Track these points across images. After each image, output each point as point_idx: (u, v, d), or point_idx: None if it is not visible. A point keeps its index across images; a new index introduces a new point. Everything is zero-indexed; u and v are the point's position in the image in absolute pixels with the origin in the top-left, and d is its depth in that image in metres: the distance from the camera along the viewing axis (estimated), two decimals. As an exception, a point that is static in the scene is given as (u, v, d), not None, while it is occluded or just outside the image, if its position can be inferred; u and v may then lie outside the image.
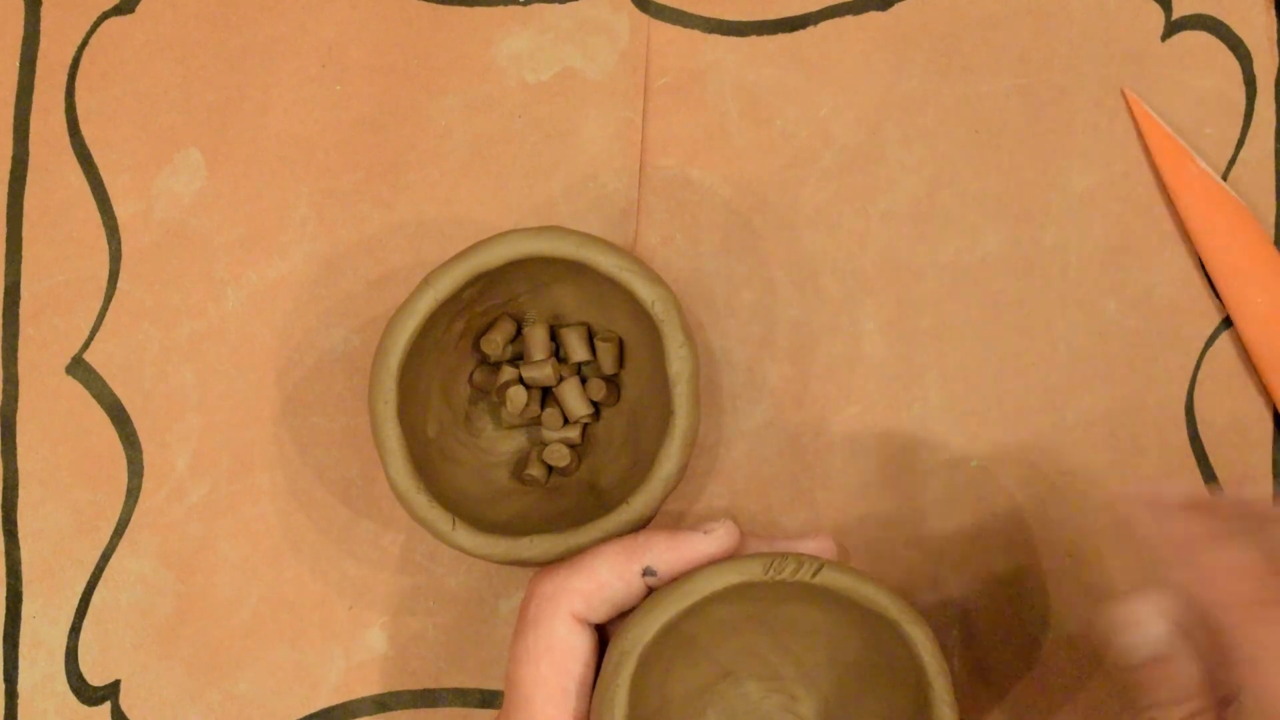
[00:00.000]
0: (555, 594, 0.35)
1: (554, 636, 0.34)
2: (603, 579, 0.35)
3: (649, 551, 0.35)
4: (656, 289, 0.38)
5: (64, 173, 0.45)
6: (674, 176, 0.44)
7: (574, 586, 0.35)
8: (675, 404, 0.38)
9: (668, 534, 0.35)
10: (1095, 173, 0.43)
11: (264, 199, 0.44)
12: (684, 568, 0.35)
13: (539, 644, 0.34)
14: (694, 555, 0.35)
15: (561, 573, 0.35)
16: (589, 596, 0.35)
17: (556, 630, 0.34)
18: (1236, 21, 0.43)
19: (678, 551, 0.35)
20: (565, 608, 0.34)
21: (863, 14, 0.44)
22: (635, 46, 0.44)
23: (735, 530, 0.35)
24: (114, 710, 0.43)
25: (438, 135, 0.44)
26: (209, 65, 0.45)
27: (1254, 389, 0.43)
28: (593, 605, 0.35)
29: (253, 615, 0.43)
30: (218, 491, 0.43)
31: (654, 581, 0.35)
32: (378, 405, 0.38)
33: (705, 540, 0.35)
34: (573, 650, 0.34)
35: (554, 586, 0.35)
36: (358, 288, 0.44)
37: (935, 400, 0.43)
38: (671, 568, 0.35)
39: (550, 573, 0.35)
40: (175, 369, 0.44)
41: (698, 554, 0.35)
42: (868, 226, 0.43)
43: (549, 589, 0.35)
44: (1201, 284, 0.43)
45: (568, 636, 0.34)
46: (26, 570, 0.43)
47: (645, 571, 0.35)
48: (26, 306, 0.44)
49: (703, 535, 0.35)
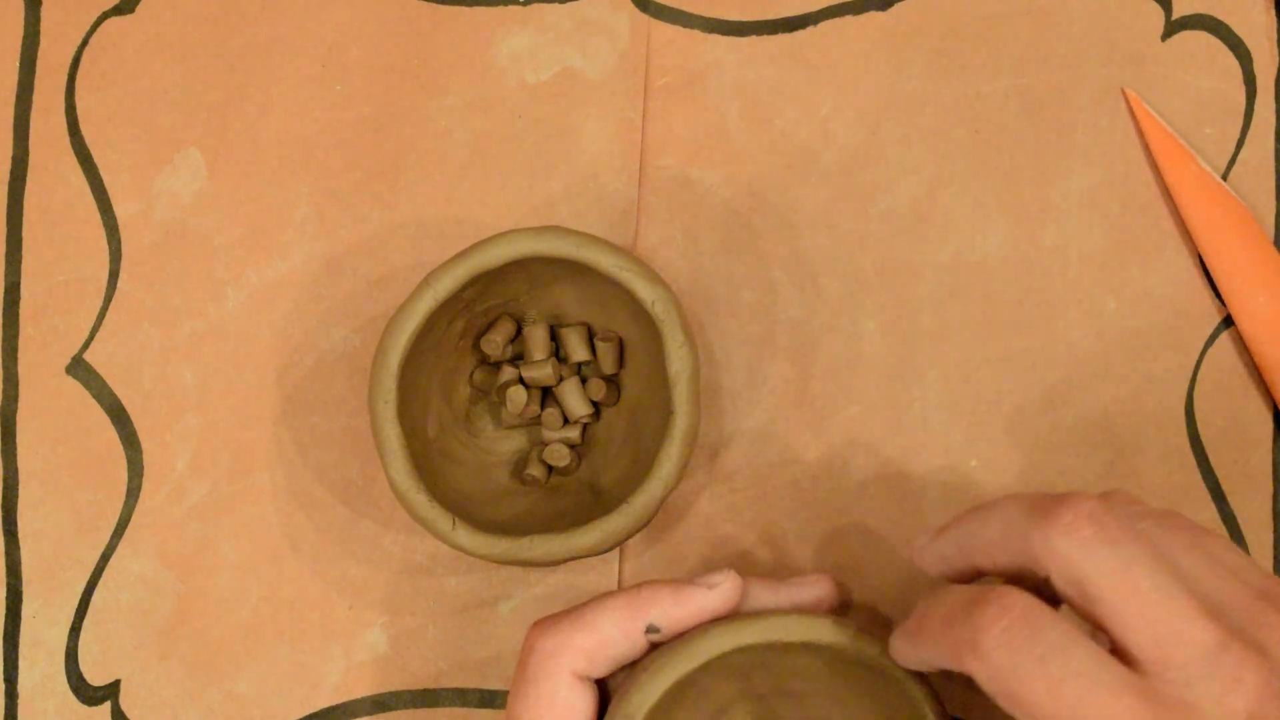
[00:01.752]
0: (556, 650, 0.34)
1: (555, 696, 0.33)
2: (605, 635, 0.34)
3: (653, 607, 0.34)
4: (656, 289, 0.38)
5: (64, 173, 0.45)
6: (674, 176, 0.44)
7: (576, 644, 0.34)
8: (675, 404, 0.38)
9: (671, 588, 0.34)
10: (1095, 173, 0.43)
11: (264, 199, 0.44)
12: (688, 623, 0.34)
13: (540, 702, 0.33)
14: (698, 611, 0.34)
15: (563, 628, 0.34)
16: (591, 654, 0.34)
17: (558, 690, 0.33)
18: (1236, 21, 0.43)
19: (682, 608, 0.34)
20: (567, 666, 0.34)
21: (863, 14, 0.44)
22: (635, 46, 0.44)
23: (739, 582, 0.35)
24: (114, 710, 0.43)
25: (438, 135, 0.44)
26: (209, 65, 0.45)
27: (1254, 389, 0.43)
28: (595, 662, 0.34)
29: (253, 615, 0.43)
30: (218, 491, 0.43)
31: (657, 638, 0.34)
32: (378, 405, 0.38)
33: (709, 596, 0.34)
34: (573, 708, 0.33)
35: (555, 643, 0.34)
36: (358, 288, 0.44)
37: (935, 400, 0.43)
38: (676, 624, 0.34)
39: (551, 626, 0.34)
40: (175, 369, 0.44)
41: (702, 610, 0.34)
42: (868, 226, 0.43)
43: (550, 645, 0.34)
44: (1201, 284, 0.43)
45: (568, 695, 0.33)
46: (26, 570, 0.43)
47: (649, 629, 0.34)
48: (26, 306, 0.44)
49: (706, 590, 0.34)
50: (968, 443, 0.43)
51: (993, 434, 0.43)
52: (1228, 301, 0.42)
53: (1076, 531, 0.29)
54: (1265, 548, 0.42)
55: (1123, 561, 0.28)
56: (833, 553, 0.42)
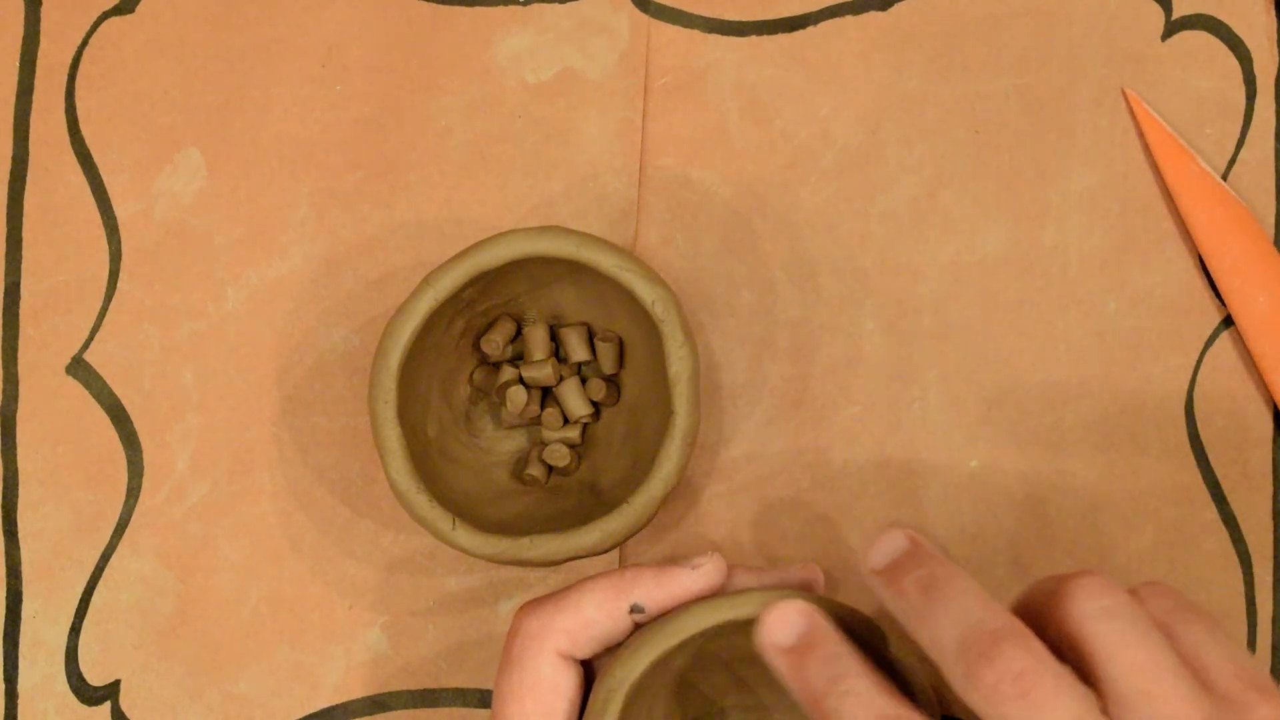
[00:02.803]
0: (541, 631, 0.34)
1: (539, 674, 0.34)
2: (589, 616, 0.34)
3: (636, 588, 0.34)
4: (656, 289, 0.38)
5: (64, 173, 0.45)
6: (674, 176, 0.44)
7: (560, 624, 0.34)
8: (675, 404, 0.38)
9: (655, 570, 0.35)
10: (1095, 173, 0.43)
11: (264, 199, 0.44)
12: (671, 604, 0.34)
13: (524, 682, 0.34)
14: (681, 591, 0.34)
15: (547, 609, 0.34)
16: (575, 634, 0.34)
17: (541, 668, 0.34)
18: (1236, 21, 0.43)
19: (665, 588, 0.34)
20: (550, 645, 0.34)
21: (863, 14, 0.44)
22: (635, 46, 0.44)
23: (723, 565, 0.35)
24: (114, 710, 0.43)
25: (438, 135, 0.44)
26: (209, 65, 0.45)
27: (1254, 389, 0.43)
28: (579, 642, 0.34)
29: (253, 615, 0.43)
30: (218, 491, 0.43)
31: (641, 618, 0.34)
32: (378, 405, 0.38)
33: (692, 576, 0.34)
34: (557, 688, 0.34)
35: (539, 624, 0.34)
36: (358, 288, 0.44)
37: (935, 400, 0.43)
38: (659, 604, 0.34)
39: (536, 608, 0.35)
40: (175, 369, 0.44)
41: (685, 590, 0.34)
42: (868, 226, 0.43)
43: (534, 626, 0.34)
44: (1201, 284, 0.43)
45: (552, 675, 0.34)
46: (26, 570, 0.43)
47: (633, 609, 0.34)
48: (26, 306, 0.44)
49: (690, 571, 0.34)
50: (968, 443, 0.43)
51: (993, 434, 0.43)
52: (1228, 301, 0.42)
53: (1096, 600, 0.29)
54: (1265, 548, 0.42)
55: (1126, 632, 0.29)
56: (832, 553, 0.42)
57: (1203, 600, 0.42)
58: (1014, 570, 0.42)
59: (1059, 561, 0.42)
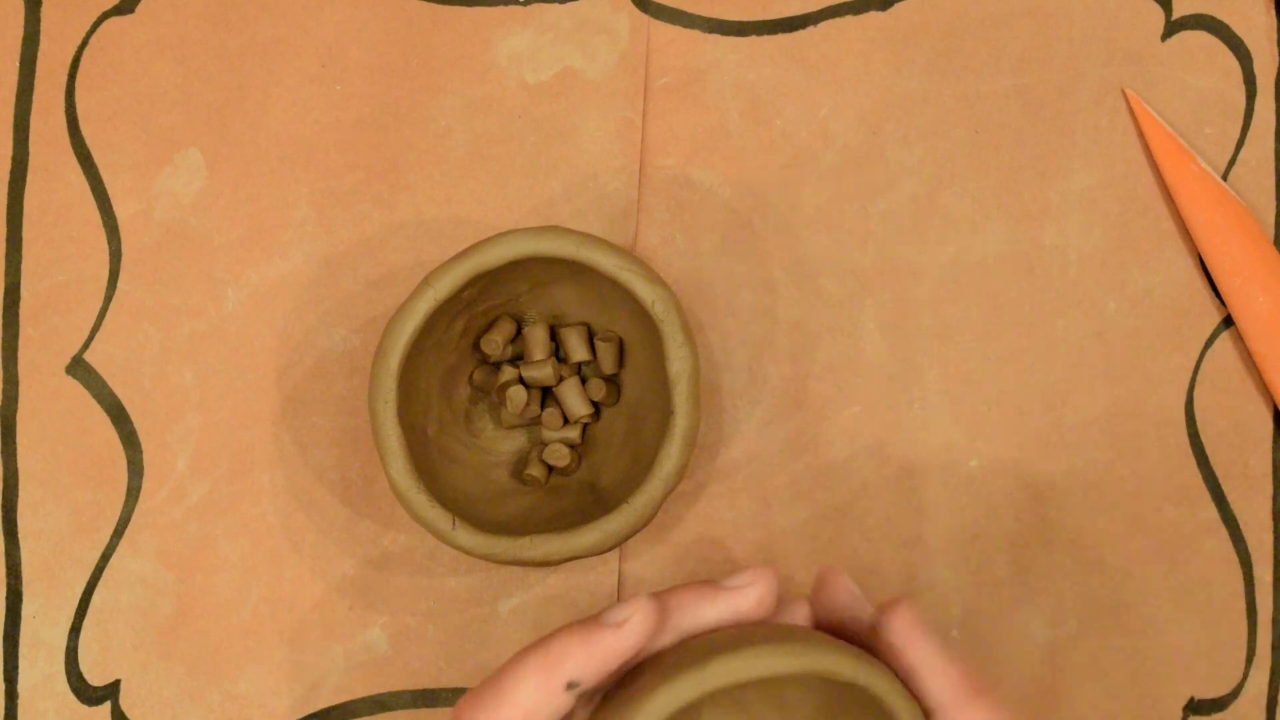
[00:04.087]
0: None
1: None
2: (527, 706, 0.32)
3: (566, 661, 0.33)
4: (656, 289, 0.38)
5: (64, 173, 0.45)
6: (674, 176, 0.44)
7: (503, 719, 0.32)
8: (675, 404, 0.38)
9: (581, 634, 0.33)
10: (1095, 173, 0.43)
11: (264, 199, 0.44)
12: (607, 668, 0.33)
13: None
14: (612, 655, 0.33)
15: (487, 705, 0.33)
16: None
17: None
18: (1236, 21, 0.43)
19: (596, 657, 0.33)
20: None
21: (863, 14, 0.44)
22: (635, 46, 0.44)
23: (651, 613, 0.33)
24: (114, 710, 0.43)
25: (438, 135, 0.44)
26: (209, 65, 0.45)
27: (1254, 389, 0.43)
28: None
29: (253, 615, 0.43)
30: (218, 491, 0.43)
31: (581, 690, 0.33)
32: (378, 405, 0.38)
33: (617, 636, 0.33)
34: None
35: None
36: (358, 288, 0.44)
37: (935, 400, 0.43)
38: (594, 674, 0.33)
39: (474, 703, 0.33)
40: (175, 369, 0.44)
41: (615, 651, 0.33)
42: (868, 226, 0.43)
43: None
44: (1201, 284, 0.43)
45: None
46: (26, 570, 0.43)
47: (569, 685, 0.33)
48: (26, 306, 0.44)
49: (614, 631, 0.33)
50: (968, 443, 0.43)
51: (993, 434, 0.43)
52: (1228, 301, 0.42)
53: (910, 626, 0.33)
54: (1265, 548, 0.42)
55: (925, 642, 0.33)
56: (832, 553, 0.42)
57: (1203, 600, 0.42)
58: (1014, 570, 0.42)
59: (1059, 561, 0.42)
